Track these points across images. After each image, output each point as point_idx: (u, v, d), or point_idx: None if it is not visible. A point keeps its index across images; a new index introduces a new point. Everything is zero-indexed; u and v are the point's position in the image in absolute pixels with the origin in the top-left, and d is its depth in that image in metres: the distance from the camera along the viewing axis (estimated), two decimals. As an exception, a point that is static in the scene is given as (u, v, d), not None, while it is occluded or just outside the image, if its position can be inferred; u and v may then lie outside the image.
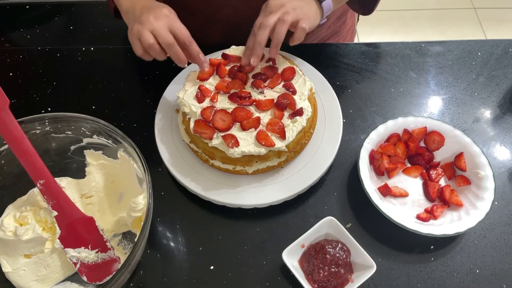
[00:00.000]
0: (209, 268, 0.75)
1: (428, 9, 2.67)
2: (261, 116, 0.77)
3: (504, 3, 2.69)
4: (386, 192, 0.80)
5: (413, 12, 2.65)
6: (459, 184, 0.81)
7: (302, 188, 0.78)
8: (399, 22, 2.56)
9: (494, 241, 0.78)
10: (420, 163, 0.84)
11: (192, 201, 0.81)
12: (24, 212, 0.72)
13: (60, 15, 1.12)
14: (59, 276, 0.72)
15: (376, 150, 0.83)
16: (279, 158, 0.78)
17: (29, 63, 1.01)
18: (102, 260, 0.72)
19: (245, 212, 0.80)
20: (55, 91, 0.97)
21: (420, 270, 0.75)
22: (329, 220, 0.74)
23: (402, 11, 2.62)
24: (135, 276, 0.74)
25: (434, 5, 2.68)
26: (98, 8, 1.14)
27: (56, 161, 0.79)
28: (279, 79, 0.82)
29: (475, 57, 1.02)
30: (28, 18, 1.11)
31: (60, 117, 0.75)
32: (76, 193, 0.76)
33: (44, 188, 0.69)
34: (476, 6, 2.71)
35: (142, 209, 0.69)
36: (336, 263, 0.70)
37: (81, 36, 1.07)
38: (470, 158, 0.81)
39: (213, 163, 0.79)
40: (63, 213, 0.70)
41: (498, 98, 0.96)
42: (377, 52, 1.03)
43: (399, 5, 2.63)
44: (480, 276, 0.75)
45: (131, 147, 0.72)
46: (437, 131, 0.83)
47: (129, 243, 0.76)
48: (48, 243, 0.71)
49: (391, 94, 0.96)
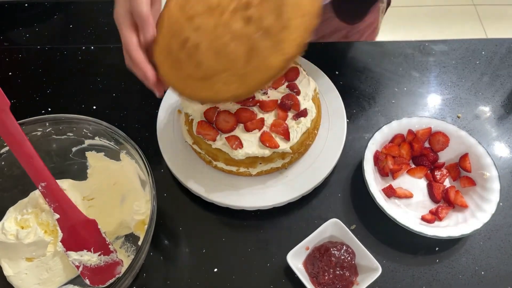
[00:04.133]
0: (212, 270, 0.74)
1: (428, 6, 2.66)
2: (264, 117, 0.76)
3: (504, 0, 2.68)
4: (391, 193, 0.79)
5: (412, 9, 2.64)
6: (464, 185, 0.80)
7: (306, 190, 0.78)
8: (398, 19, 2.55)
9: (499, 242, 0.78)
10: (424, 164, 0.83)
11: (195, 203, 0.80)
12: (26, 215, 0.71)
13: (59, 13, 1.11)
14: (62, 279, 0.72)
15: (381, 151, 0.83)
16: (283, 160, 0.77)
17: (29, 63, 1.00)
18: (105, 263, 0.71)
19: (249, 214, 0.79)
20: (55, 91, 0.95)
21: (425, 272, 0.75)
22: (333, 222, 0.73)
23: (401, 8, 2.61)
24: (137, 279, 0.73)
25: (434, 1, 2.67)
26: (97, 6, 1.12)
27: (57, 163, 0.78)
28: (282, 79, 0.81)
29: (479, 56, 1.01)
30: (27, 17, 1.09)
31: (61, 118, 0.74)
32: (78, 195, 0.75)
33: (46, 190, 0.68)
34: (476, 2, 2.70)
35: (145, 212, 0.69)
36: (341, 265, 0.70)
37: (81, 34, 1.06)
38: (475, 159, 0.80)
39: (216, 165, 0.78)
40: (65, 215, 0.69)
41: (503, 97, 0.95)
42: (380, 51, 1.02)
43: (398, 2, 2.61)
44: (485, 278, 0.74)
45: (133, 149, 0.71)
46: (441, 132, 0.83)
47: (131, 246, 0.75)
48: (50, 246, 0.70)
49: (394, 93, 0.95)
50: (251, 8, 0.55)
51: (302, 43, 0.55)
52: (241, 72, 0.56)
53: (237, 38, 0.56)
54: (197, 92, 0.59)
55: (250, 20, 0.55)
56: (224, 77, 0.57)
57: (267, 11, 0.55)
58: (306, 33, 0.54)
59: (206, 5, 0.58)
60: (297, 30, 0.54)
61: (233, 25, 0.56)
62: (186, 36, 0.58)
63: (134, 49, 0.60)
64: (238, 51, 0.56)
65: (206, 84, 0.58)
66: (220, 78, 0.57)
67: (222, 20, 0.57)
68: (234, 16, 0.56)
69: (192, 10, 0.59)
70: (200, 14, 0.58)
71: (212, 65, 0.57)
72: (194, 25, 0.58)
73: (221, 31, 0.57)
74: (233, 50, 0.56)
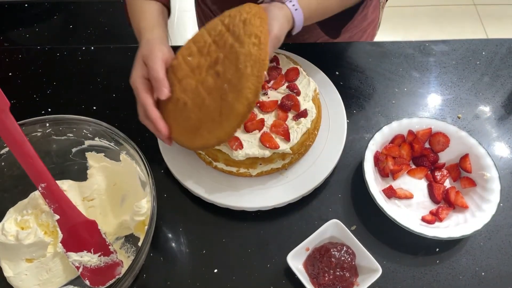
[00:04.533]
0: (212, 271, 0.74)
1: (428, 6, 2.66)
2: (265, 118, 0.76)
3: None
4: (391, 194, 0.79)
5: (412, 9, 2.64)
6: (464, 186, 0.80)
7: (307, 191, 0.78)
8: (398, 19, 2.55)
9: (499, 243, 0.77)
10: (425, 164, 0.83)
11: (195, 204, 0.80)
12: (26, 216, 0.71)
13: (59, 14, 1.11)
14: (62, 280, 0.72)
15: (381, 151, 0.83)
16: (284, 160, 0.77)
17: (29, 63, 1.00)
18: (105, 264, 0.71)
19: (249, 214, 0.79)
20: (55, 91, 0.95)
21: (425, 273, 0.74)
22: (334, 222, 0.73)
23: (401, 8, 2.61)
24: (138, 279, 0.73)
25: (434, 1, 2.67)
26: (97, 6, 1.12)
27: (57, 163, 0.78)
28: (283, 80, 0.81)
29: (480, 56, 1.01)
30: (27, 17, 1.10)
31: (61, 119, 0.74)
32: (78, 196, 0.75)
33: (46, 191, 0.68)
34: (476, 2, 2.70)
35: (145, 213, 0.69)
36: (341, 266, 0.70)
37: (81, 35, 1.06)
38: (476, 160, 0.80)
39: (216, 165, 0.78)
40: (65, 216, 0.69)
41: (503, 98, 0.95)
42: (380, 52, 1.02)
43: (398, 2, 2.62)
44: (486, 279, 0.74)
45: (133, 150, 0.71)
46: (442, 132, 0.83)
47: (132, 246, 0.75)
48: (50, 247, 0.70)
49: (395, 94, 0.95)
50: (218, 64, 0.66)
51: (258, 89, 0.64)
52: (218, 120, 0.66)
53: (211, 92, 0.66)
54: (192, 143, 0.69)
55: (219, 75, 0.66)
56: (208, 126, 0.67)
57: (229, 64, 0.65)
58: (259, 79, 0.63)
59: (190, 67, 0.69)
60: (251, 77, 0.63)
61: (208, 81, 0.66)
62: (177, 97, 0.69)
63: (151, 109, 0.69)
64: (213, 104, 0.66)
65: (197, 135, 0.68)
66: (206, 127, 0.67)
67: (201, 78, 0.68)
68: (207, 73, 0.67)
69: (181, 73, 0.69)
70: (186, 76, 0.69)
71: (198, 117, 0.67)
72: (182, 87, 0.69)
73: (200, 89, 0.67)
74: (210, 103, 0.66)
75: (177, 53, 0.72)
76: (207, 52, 0.68)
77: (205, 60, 0.68)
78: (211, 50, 0.68)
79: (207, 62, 0.68)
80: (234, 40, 0.65)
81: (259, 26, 0.64)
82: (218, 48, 0.67)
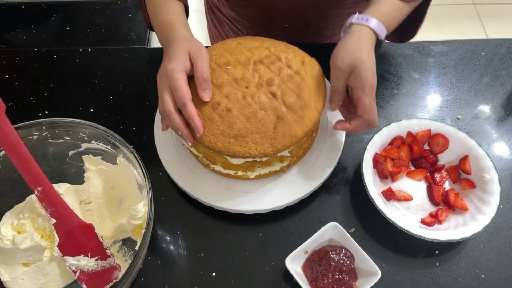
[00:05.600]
0: (211, 274, 0.74)
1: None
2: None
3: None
4: (390, 196, 0.79)
5: (412, 8, 2.63)
6: (464, 188, 0.80)
7: (305, 193, 0.77)
8: (399, 18, 2.54)
9: (499, 245, 0.77)
10: (424, 166, 0.83)
11: (193, 207, 0.80)
12: (22, 220, 0.70)
13: (56, 15, 1.10)
14: (59, 284, 0.71)
15: (380, 153, 0.82)
16: (282, 163, 0.77)
17: (25, 65, 0.99)
18: (102, 268, 0.71)
19: (247, 217, 0.78)
20: (52, 94, 0.95)
21: (425, 276, 0.74)
22: (332, 225, 0.73)
23: (402, 7, 2.60)
24: (135, 283, 0.73)
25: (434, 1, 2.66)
26: (95, 7, 1.11)
27: (54, 166, 0.77)
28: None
29: (479, 57, 1.01)
30: (23, 18, 1.09)
31: (57, 122, 0.73)
32: (75, 199, 0.75)
33: (42, 195, 0.67)
34: (475, 1, 2.69)
35: (142, 217, 0.68)
36: (340, 269, 0.69)
37: (78, 36, 1.05)
38: (475, 161, 0.79)
39: (214, 168, 0.78)
40: (61, 220, 0.69)
41: (503, 99, 0.94)
42: (379, 52, 1.01)
43: (398, 1, 2.61)
44: (486, 281, 0.74)
45: (130, 153, 0.70)
46: (441, 134, 0.82)
47: (129, 250, 0.75)
48: (46, 251, 0.70)
49: (394, 95, 0.95)
50: (273, 86, 0.71)
51: (317, 119, 0.72)
52: (270, 136, 0.69)
53: (265, 108, 0.69)
54: (230, 147, 0.69)
55: (275, 96, 0.70)
56: (256, 138, 0.69)
57: (289, 91, 0.71)
58: (319, 112, 0.73)
59: (232, 77, 0.71)
60: (313, 109, 0.72)
61: (260, 97, 0.70)
62: (217, 101, 0.69)
63: (190, 104, 0.66)
64: (267, 119, 0.69)
65: (240, 141, 0.69)
66: (252, 138, 0.69)
67: (249, 92, 0.70)
68: (259, 90, 0.71)
69: (219, 79, 0.71)
70: (227, 84, 0.71)
71: (245, 126, 0.69)
72: (224, 93, 0.70)
73: (249, 101, 0.70)
74: (263, 117, 0.69)
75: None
76: (253, 69, 0.73)
77: (253, 76, 0.72)
78: (258, 68, 0.72)
79: (256, 79, 0.71)
80: (292, 72, 0.73)
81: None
82: (269, 71, 0.72)
